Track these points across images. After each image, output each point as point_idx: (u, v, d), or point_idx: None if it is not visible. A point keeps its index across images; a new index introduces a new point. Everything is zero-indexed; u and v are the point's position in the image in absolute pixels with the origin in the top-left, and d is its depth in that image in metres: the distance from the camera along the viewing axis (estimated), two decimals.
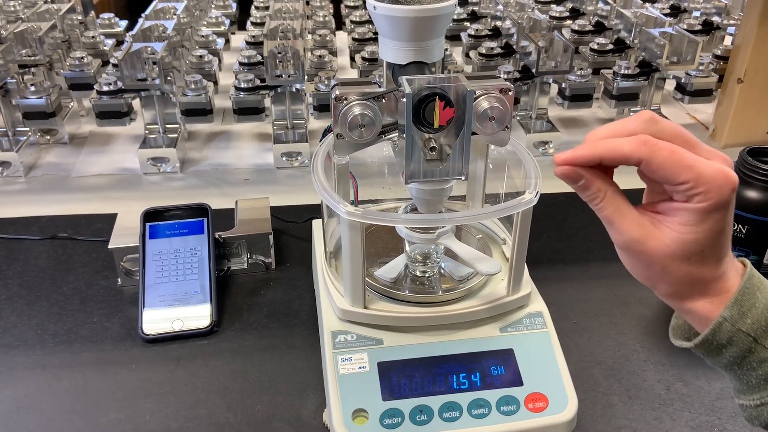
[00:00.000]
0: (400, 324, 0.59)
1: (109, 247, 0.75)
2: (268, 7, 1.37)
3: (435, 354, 0.58)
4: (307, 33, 1.26)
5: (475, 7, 1.37)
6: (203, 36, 1.24)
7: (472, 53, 1.16)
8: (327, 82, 1.02)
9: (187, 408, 0.62)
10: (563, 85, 1.07)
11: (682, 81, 1.11)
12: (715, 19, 1.27)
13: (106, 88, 1.00)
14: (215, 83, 1.13)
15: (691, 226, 0.40)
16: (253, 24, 1.34)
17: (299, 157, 1.03)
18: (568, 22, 1.28)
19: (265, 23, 1.17)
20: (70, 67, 1.07)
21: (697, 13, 1.33)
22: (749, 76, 1.04)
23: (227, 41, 1.38)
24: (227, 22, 1.38)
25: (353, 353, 0.57)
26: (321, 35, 1.22)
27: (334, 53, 1.19)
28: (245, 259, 0.79)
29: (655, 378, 0.65)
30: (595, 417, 0.61)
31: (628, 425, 0.60)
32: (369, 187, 0.68)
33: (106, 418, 0.61)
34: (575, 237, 0.86)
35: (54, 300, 0.75)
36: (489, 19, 1.33)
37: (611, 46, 1.13)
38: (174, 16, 1.21)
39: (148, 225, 0.76)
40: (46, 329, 0.71)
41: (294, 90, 1.02)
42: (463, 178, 0.54)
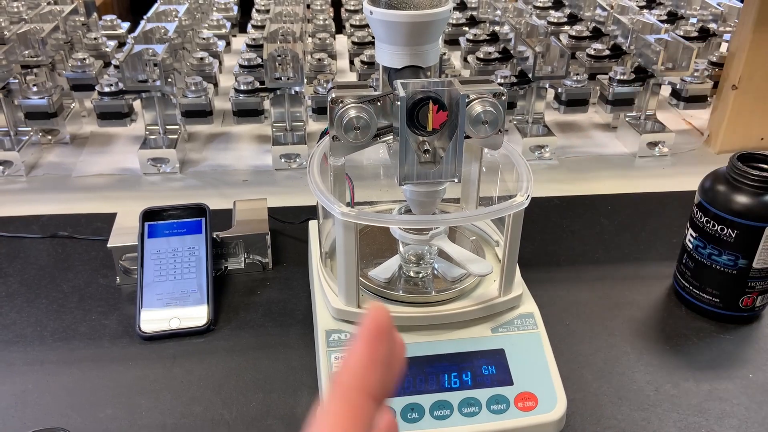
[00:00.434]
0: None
1: (108, 245, 0.76)
2: (268, 11, 1.38)
3: (427, 353, 0.59)
4: (307, 36, 1.27)
5: (474, 12, 1.39)
6: (204, 38, 1.25)
7: (470, 57, 1.17)
8: (326, 85, 1.03)
9: (183, 404, 0.63)
10: (559, 90, 1.08)
11: (678, 87, 1.12)
12: (711, 25, 1.28)
13: (107, 89, 1.01)
14: (215, 85, 1.14)
15: None
16: (253, 27, 1.35)
17: (297, 159, 1.04)
18: (566, 27, 1.30)
19: (265, 26, 1.18)
20: (72, 68, 1.08)
21: (693, 20, 1.34)
22: (743, 82, 1.05)
23: (228, 44, 1.39)
24: (228, 25, 1.39)
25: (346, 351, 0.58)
26: (321, 38, 1.23)
27: (333, 56, 1.21)
28: (242, 259, 0.80)
29: (644, 379, 0.66)
30: (584, 417, 0.62)
31: (617, 425, 0.61)
32: (365, 189, 0.69)
33: (102, 414, 0.62)
34: (568, 240, 0.87)
35: (53, 297, 0.76)
36: (487, 24, 1.34)
37: (608, 52, 1.14)
38: (175, 19, 1.23)
39: (146, 224, 0.77)
40: (45, 326, 0.72)
41: (293, 92, 1.03)
42: (456, 181, 0.55)
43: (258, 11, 1.43)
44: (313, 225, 0.73)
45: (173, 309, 0.72)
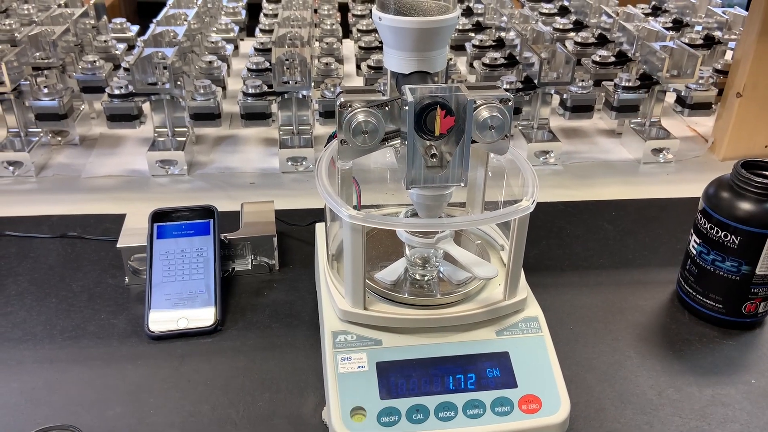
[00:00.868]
0: (398, 325, 0.61)
1: (118, 246, 0.77)
2: (276, 15, 1.39)
3: (432, 355, 0.59)
4: (314, 41, 1.28)
5: (480, 18, 1.40)
6: (213, 42, 1.26)
7: (476, 63, 1.18)
8: (333, 89, 1.04)
9: (191, 403, 0.64)
10: (565, 96, 1.09)
11: (682, 94, 1.12)
12: (716, 33, 1.29)
13: (117, 92, 1.02)
14: (224, 88, 1.15)
15: None
16: (261, 31, 1.36)
17: (304, 162, 1.05)
18: (572, 34, 1.31)
19: (273, 30, 1.19)
20: (82, 70, 1.09)
21: (698, 28, 1.34)
22: (748, 90, 1.06)
23: (236, 47, 1.40)
24: (236, 29, 1.40)
25: (353, 353, 0.59)
26: (328, 43, 1.24)
27: (340, 61, 1.22)
28: (249, 260, 0.81)
29: (647, 384, 0.67)
30: (588, 420, 0.63)
31: (619, 429, 0.62)
32: (372, 192, 0.70)
33: (111, 412, 0.63)
34: (573, 245, 0.88)
35: (63, 297, 0.77)
36: (493, 30, 1.35)
37: (613, 59, 1.15)
38: (185, 23, 1.24)
39: (155, 225, 0.78)
40: (55, 325, 0.73)
41: (300, 96, 1.04)
42: (462, 185, 0.56)
43: (266, 15, 1.44)
44: (320, 227, 0.74)
45: (181, 309, 0.72)
